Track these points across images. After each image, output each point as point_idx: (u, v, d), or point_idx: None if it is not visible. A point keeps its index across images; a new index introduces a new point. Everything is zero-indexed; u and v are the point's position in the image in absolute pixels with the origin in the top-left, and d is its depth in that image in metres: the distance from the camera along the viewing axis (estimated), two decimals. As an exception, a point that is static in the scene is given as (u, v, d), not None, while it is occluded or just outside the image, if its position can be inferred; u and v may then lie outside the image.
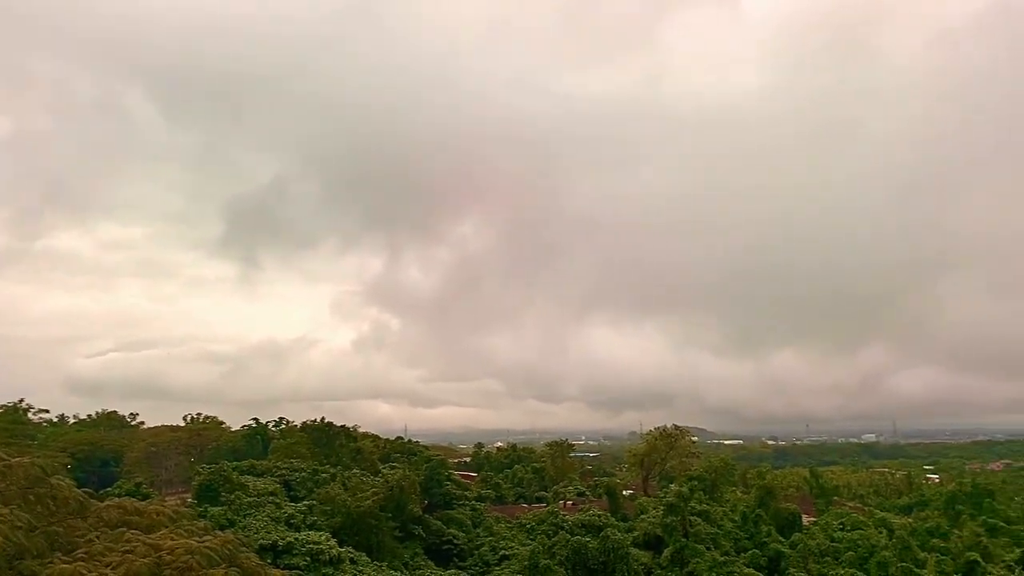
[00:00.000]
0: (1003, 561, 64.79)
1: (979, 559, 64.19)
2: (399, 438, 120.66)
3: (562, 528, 67.57)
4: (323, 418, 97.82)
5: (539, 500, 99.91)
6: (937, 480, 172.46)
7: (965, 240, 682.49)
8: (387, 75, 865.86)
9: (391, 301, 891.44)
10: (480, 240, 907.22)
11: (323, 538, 52.58)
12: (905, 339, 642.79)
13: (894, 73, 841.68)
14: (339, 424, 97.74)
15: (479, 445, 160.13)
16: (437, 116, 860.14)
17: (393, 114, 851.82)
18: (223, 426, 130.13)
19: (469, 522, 71.20)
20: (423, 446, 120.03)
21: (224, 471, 65.97)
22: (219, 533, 32.79)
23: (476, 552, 66.20)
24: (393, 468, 78.05)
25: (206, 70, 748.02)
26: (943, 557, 66.54)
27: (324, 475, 74.99)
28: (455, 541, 66.71)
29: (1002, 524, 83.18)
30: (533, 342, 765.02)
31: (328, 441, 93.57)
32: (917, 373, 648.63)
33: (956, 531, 78.45)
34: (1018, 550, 67.91)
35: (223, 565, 27.09)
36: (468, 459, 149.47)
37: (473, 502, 76.95)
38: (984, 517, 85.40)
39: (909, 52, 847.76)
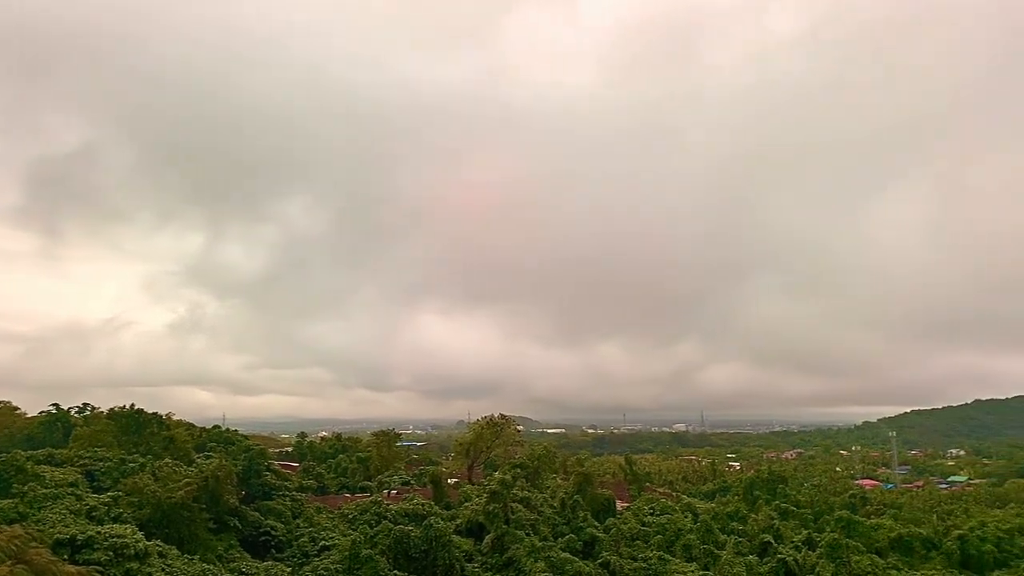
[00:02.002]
0: (792, 542, 70.84)
1: (772, 540, 70.12)
2: (216, 427, 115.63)
3: (385, 517, 67.28)
4: (133, 404, 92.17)
5: (363, 490, 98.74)
6: (738, 467, 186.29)
7: (768, 244, 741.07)
8: (214, 44, 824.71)
9: (211, 282, 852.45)
10: (309, 221, 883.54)
11: (128, 531, 49.69)
12: (714, 335, 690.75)
13: (715, 81, 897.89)
14: (151, 411, 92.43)
15: (302, 434, 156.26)
16: (266, 89, 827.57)
17: (219, 85, 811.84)
18: (17, 412, 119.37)
19: (289, 513, 69.36)
20: (242, 435, 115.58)
21: (16, 460, 61.97)
22: (6, 528, 30.25)
23: (295, 543, 64.60)
24: (209, 458, 74.88)
25: (6, 21, 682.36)
26: (740, 539, 72.06)
27: (132, 465, 70.75)
28: (273, 532, 64.78)
29: (792, 508, 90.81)
30: (363, 330, 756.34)
31: (138, 429, 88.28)
32: (723, 368, 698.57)
33: (753, 515, 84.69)
34: (805, 531, 74.42)
35: (9, 562, 24.95)
36: (290, 449, 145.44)
37: (294, 492, 75.01)
38: (777, 502, 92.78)
39: (730, 63, 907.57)
